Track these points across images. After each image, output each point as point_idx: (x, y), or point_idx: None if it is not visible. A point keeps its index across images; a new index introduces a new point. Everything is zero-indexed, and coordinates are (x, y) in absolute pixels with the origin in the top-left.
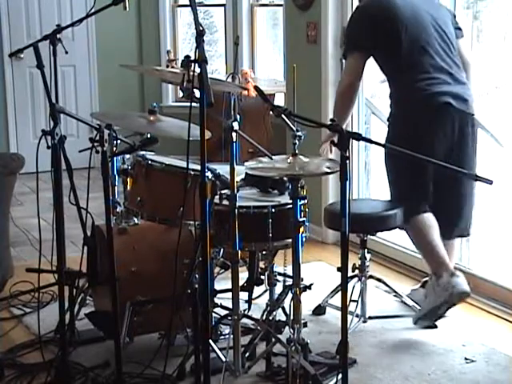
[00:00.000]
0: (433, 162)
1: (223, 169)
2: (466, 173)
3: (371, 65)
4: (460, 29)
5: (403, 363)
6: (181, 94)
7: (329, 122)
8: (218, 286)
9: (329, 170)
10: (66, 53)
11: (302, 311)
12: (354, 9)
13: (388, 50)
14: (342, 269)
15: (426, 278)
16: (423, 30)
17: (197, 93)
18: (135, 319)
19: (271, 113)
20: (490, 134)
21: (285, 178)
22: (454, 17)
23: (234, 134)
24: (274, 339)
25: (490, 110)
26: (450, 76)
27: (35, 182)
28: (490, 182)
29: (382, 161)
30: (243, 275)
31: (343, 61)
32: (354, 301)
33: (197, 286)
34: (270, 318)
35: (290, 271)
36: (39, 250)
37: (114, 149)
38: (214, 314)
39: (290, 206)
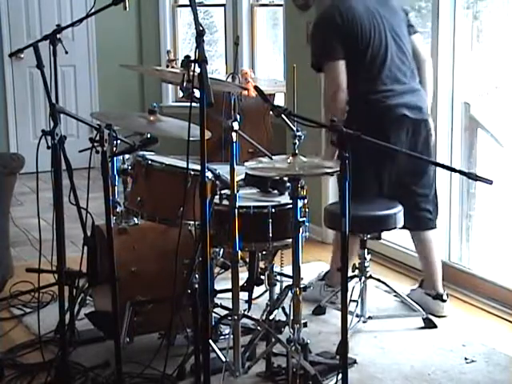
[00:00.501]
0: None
1: (223, 169)
2: (467, 172)
3: None
4: (412, 25)
5: (403, 363)
6: (181, 94)
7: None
8: (217, 286)
9: (329, 170)
10: (66, 53)
11: (302, 311)
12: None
13: (352, 61)
14: (342, 269)
15: None
16: (383, 41)
17: (197, 93)
18: (135, 319)
19: (271, 113)
20: (489, 134)
21: (285, 178)
22: (407, 14)
23: (233, 134)
24: (273, 339)
25: (490, 109)
26: (404, 86)
27: (35, 181)
28: (490, 182)
29: None
30: (243, 275)
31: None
32: (353, 301)
33: (197, 286)
34: (270, 318)
35: (288, 271)
36: (39, 250)
37: (114, 149)
38: (214, 314)
39: (290, 206)
